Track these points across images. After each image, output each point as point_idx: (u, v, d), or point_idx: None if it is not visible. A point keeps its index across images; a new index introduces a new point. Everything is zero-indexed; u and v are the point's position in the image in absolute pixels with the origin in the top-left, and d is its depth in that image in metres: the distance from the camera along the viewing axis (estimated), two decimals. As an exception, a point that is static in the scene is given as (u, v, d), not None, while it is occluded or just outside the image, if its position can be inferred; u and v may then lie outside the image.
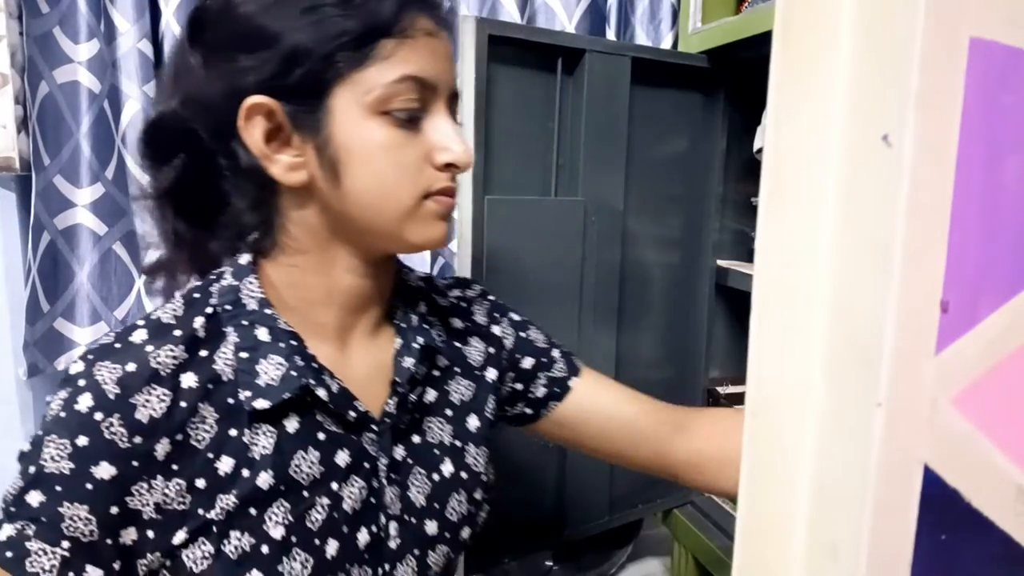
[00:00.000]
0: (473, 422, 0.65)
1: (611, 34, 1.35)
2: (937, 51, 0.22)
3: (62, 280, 1.15)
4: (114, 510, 0.49)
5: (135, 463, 0.49)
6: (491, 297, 0.74)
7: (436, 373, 0.63)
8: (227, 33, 0.51)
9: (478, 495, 0.64)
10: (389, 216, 0.53)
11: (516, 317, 0.74)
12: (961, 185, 0.23)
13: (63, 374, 0.51)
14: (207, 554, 0.50)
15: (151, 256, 0.59)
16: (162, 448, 0.50)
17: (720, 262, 1.23)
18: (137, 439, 0.49)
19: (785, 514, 0.25)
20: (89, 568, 0.48)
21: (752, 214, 1.24)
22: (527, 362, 0.71)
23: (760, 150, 1.17)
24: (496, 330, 0.71)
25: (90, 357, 0.51)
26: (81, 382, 0.49)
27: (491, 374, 0.68)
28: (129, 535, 0.50)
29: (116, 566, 0.49)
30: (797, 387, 0.24)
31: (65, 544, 0.47)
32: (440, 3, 0.55)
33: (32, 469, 0.48)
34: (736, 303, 1.27)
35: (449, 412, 0.63)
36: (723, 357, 1.31)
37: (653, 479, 1.26)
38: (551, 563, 1.28)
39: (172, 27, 1.11)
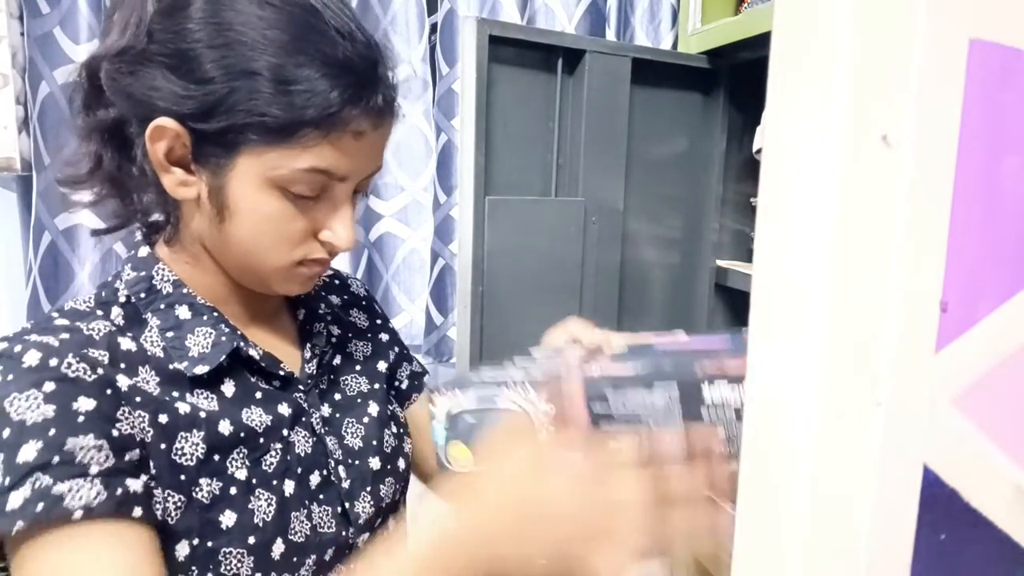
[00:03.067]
0: (382, 365, 0.71)
1: (611, 34, 1.35)
2: (937, 52, 0.22)
3: (63, 280, 1.15)
4: (115, 433, 0.47)
5: (108, 391, 0.48)
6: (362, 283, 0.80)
7: (334, 340, 0.67)
8: (170, 40, 0.48)
9: (399, 428, 0.69)
10: (257, 268, 0.55)
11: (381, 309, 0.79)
12: (961, 185, 0.23)
13: None
14: (179, 503, 0.51)
15: (66, 171, 0.57)
16: (123, 381, 0.50)
17: (720, 262, 1.23)
18: (100, 371, 0.48)
19: (785, 514, 0.25)
20: (129, 481, 0.47)
21: (752, 214, 1.24)
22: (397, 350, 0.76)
23: (760, 150, 1.17)
24: (376, 307, 0.76)
25: (12, 335, 0.49)
26: (17, 348, 0.47)
27: (383, 336, 0.73)
28: (134, 456, 0.48)
29: (145, 478, 0.48)
30: (797, 387, 0.24)
31: (94, 470, 0.45)
32: (383, 103, 0.52)
33: (8, 432, 0.45)
34: (736, 303, 1.27)
35: (358, 366, 0.68)
36: (723, 357, 1.30)
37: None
38: (551, 563, 1.28)
39: (172, 27, 1.12)
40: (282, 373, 0.59)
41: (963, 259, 0.24)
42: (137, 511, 0.47)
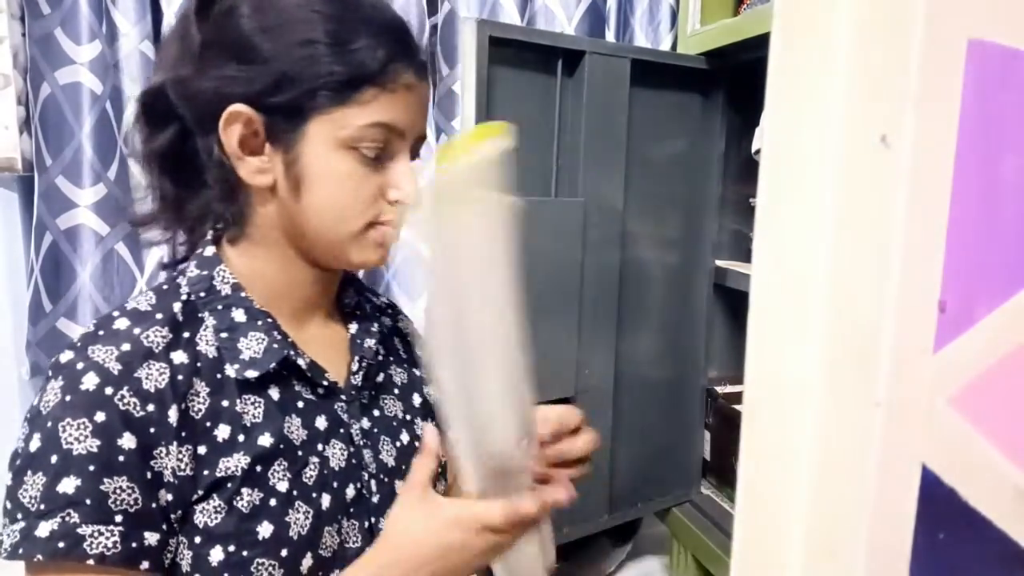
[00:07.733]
0: (416, 399, 0.72)
1: (610, 36, 1.36)
2: (936, 52, 0.22)
3: (64, 280, 1.15)
4: (148, 475, 0.51)
5: (152, 430, 0.51)
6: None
7: (379, 358, 0.70)
8: (225, 38, 0.54)
9: None
10: (336, 235, 0.58)
11: None
12: (959, 186, 0.23)
13: (51, 366, 0.52)
14: (219, 508, 0.53)
15: (141, 208, 0.63)
16: (173, 415, 0.52)
17: (719, 262, 1.23)
18: (150, 407, 0.51)
19: (784, 513, 0.25)
20: (147, 535, 0.50)
21: (750, 215, 1.24)
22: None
23: (759, 151, 1.17)
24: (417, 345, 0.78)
25: (78, 344, 0.53)
26: (79, 365, 0.51)
27: (418, 371, 0.74)
28: (164, 496, 0.52)
29: (165, 527, 0.52)
30: (796, 387, 0.24)
31: (118, 518, 0.49)
32: (423, 58, 0.60)
33: (55, 458, 0.48)
34: (735, 303, 1.28)
35: (396, 391, 0.70)
36: (722, 357, 1.31)
37: (652, 478, 1.26)
38: (551, 563, 1.28)
39: (173, 28, 1.12)
40: (326, 383, 0.61)
41: (961, 259, 0.24)
42: (145, 564, 0.50)
